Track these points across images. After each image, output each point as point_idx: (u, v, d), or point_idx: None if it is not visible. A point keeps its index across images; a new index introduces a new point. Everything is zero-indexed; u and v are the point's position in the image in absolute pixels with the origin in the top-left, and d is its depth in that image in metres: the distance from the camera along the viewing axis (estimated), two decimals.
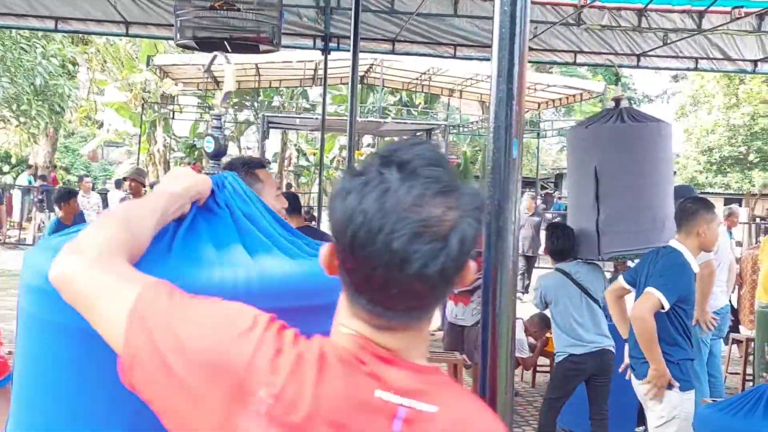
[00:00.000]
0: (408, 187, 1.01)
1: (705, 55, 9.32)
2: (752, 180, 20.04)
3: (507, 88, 1.41)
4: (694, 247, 4.11)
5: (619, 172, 4.85)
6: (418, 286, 1.03)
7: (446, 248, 1.01)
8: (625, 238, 4.85)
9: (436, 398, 1.06)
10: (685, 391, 4.01)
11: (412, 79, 20.37)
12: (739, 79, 19.36)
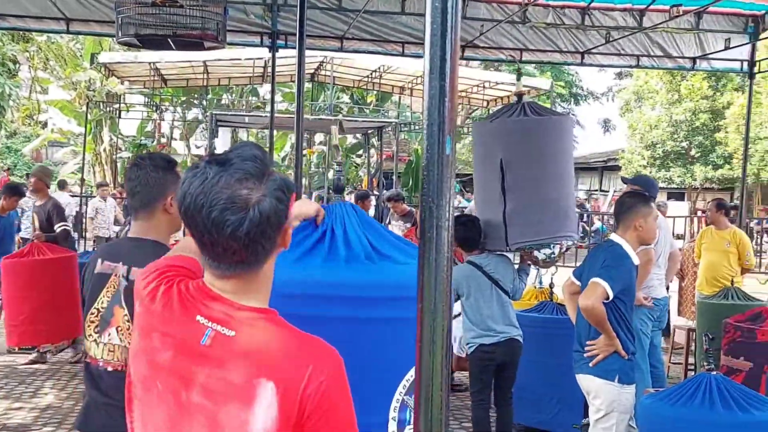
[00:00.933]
0: (221, 176, 1.45)
1: (646, 53, 9.52)
2: (694, 174, 20.51)
3: (439, 85, 1.42)
4: (633, 240, 4.21)
5: (524, 165, 4.97)
6: (234, 245, 1.45)
7: (249, 217, 1.44)
8: (532, 229, 4.98)
9: (236, 327, 1.48)
10: (624, 385, 4.10)
11: (363, 76, 20.36)
12: (681, 75, 19.80)
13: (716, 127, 19.58)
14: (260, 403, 1.44)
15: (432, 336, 1.44)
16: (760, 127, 16.19)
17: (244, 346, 1.47)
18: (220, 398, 1.47)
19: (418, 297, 1.47)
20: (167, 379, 1.53)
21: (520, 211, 5.04)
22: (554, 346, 5.80)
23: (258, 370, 1.45)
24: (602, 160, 30.85)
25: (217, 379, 1.47)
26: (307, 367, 1.45)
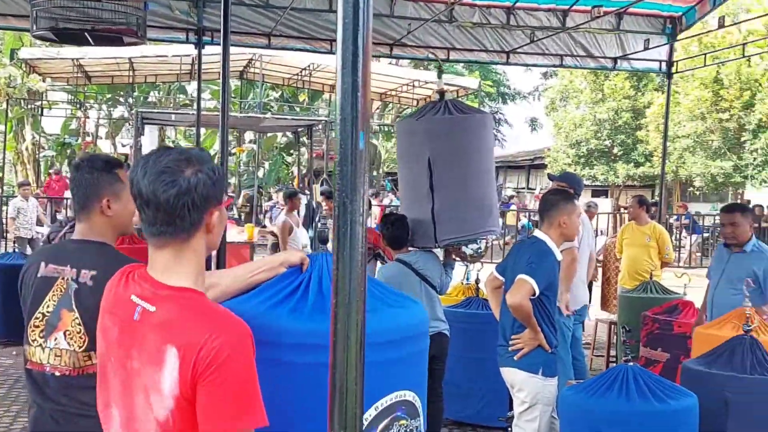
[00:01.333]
0: (157, 158, 1.76)
1: (570, 53, 9.71)
2: (616, 172, 21.07)
3: (352, 80, 1.42)
4: (557, 236, 4.31)
5: (451, 163, 5.07)
6: (164, 208, 1.73)
7: (179, 184, 1.72)
8: (459, 225, 5.08)
9: (157, 303, 1.74)
10: (548, 378, 4.18)
11: (293, 74, 20.21)
12: (604, 75, 20.33)
13: (638, 126, 20.16)
14: (167, 366, 1.68)
15: (346, 330, 1.44)
16: (679, 125, 16.74)
17: (161, 319, 1.73)
18: (145, 364, 1.73)
19: (332, 291, 1.47)
20: (117, 351, 1.81)
21: (448, 208, 5.11)
22: (480, 341, 5.89)
23: (166, 337, 1.69)
24: (529, 159, 31.42)
25: (142, 348, 1.73)
26: (205, 333, 1.65)
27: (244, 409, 1.65)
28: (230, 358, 1.64)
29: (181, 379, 1.66)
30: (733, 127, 16.02)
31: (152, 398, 1.71)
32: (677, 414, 3.64)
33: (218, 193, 1.79)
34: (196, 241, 1.79)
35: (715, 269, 5.73)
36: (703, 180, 16.99)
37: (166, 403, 1.69)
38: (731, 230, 5.49)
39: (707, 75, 15.89)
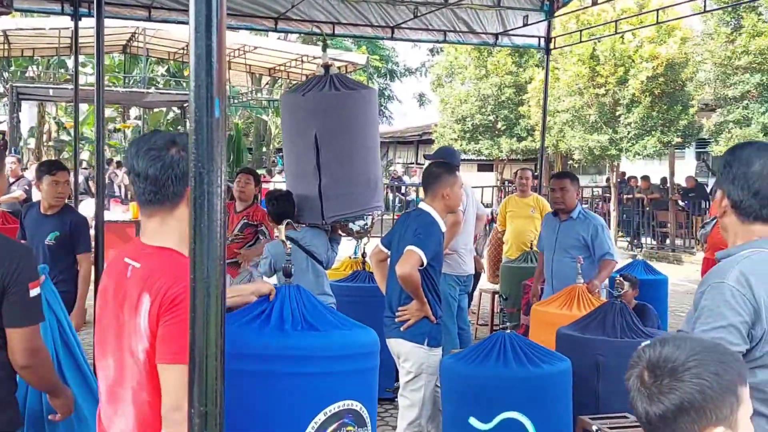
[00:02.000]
0: (149, 139, 2.16)
1: (452, 28, 9.79)
2: (500, 146, 21.57)
3: (206, 44, 1.36)
4: (441, 208, 4.36)
5: (337, 138, 5.06)
6: (151, 179, 2.10)
7: (163, 159, 2.09)
8: (346, 201, 5.10)
9: (141, 260, 2.10)
10: (432, 348, 4.25)
11: (179, 48, 19.62)
12: (488, 51, 20.71)
13: (520, 101, 20.66)
14: (142, 310, 2.03)
15: (206, 308, 1.40)
16: (559, 101, 17.25)
17: (143, 272, 2.08)
18: (130, 312, 2.06)
19: (190, 267, 1.42)
20: (112, 306, 2.15)
21: (335, 184, 5.09)
22: (367, 313, 5.88)
23: (143, 287, 2.04)
24: (418, 134, 31.75)
25: (130, 299, 2.07)
26: (172, 280, 2.01)
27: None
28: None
29: (150, 318, 2.01)
30: (609, 102, 16.64)
31: (133, 342, 2.05)
32: (551, 377, 3.78)
33: None
34: (179, 211, 2.12)
35: (548, 239, 5.98)
36: (581, 153, 17.63)
37: (143, 343, 2.03)
38: (561, 195, 5.78)
39: (584, 52, 16.42)
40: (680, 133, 16.56)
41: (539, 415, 3.70)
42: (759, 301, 2.05)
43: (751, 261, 2.11)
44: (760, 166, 2.17)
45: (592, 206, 19.78)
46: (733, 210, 2.22)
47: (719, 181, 2.28)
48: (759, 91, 15.66)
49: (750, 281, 2.06)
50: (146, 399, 2.05)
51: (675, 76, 16.19)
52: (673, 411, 1.51)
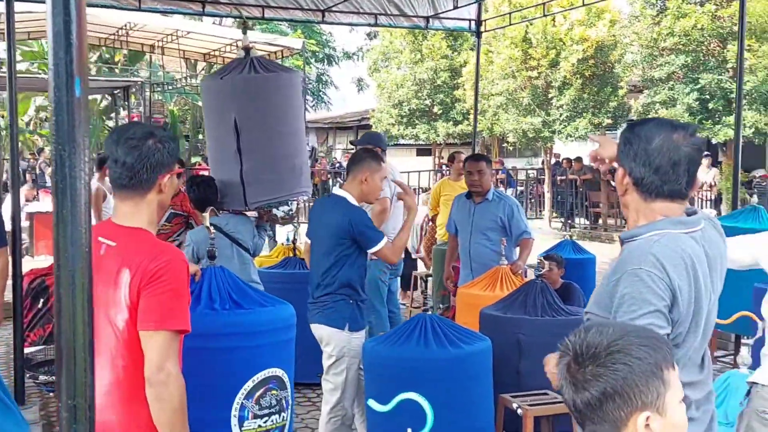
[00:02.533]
0: (129, 129, 2.41)
1: (384, 12, 9.74)
2: (437, 130, 21.67)
3: (64, 20, 1.30)
4: (357, 194, 4.30)
5: (258, 123, 4.94)
6: (127, 166, 2.34)
7: (140, 149, 2.34)
8: (269, 187, 5.00)
9: (117, 239, 2.35)
10: (354, 332, 4.23)
11: (109, 34, 19.12)
12: (423, 35, 20.75)
13: (455, 85, 20.77)
14: (122, 284, 2.27)
15: (71, 298, 1.34)
16: (493, 84, 17.40)
17: (119, 250, 2.33)
18: (107, 287, 2.29)
19: (54, 255, 1.36)
20: (96, 281, 2.26)
21: (257, 170, 4.98)
22: (296, 300, 5.86)
23: (122, 262, 2.29)
24: (357, 119, 31.64)
25: (105, 275, 2.28)
26: (150, 257, 2.28)
27: (171, 313, 2.27)
28: (166, 275, 2.26)
29: (131, 291, 2.26)
30: (541, 85, 16.85)
31: (111, 312, 2.29)
32: (471, 357, 3.80)
33: (170, 161, 2.42)
34: (150, 196, 2.39)
35: (462, 222, 6.00)
36: (515, 136, 17.82)
37: (123, 314, 2.27)
38: (478, 177, 5.83)
39: (517, 35, 16.58)
40: (610, 115, 16.88)
41: (459, 394, 3.73)
42: (674, 285, 2.09)
43: (661, 245, 2.12)
44: (660, 141, 2.17)
45: (527, 188, 20.07)
46: (635, 187, 2.22)
47: (620, 159, 2.27)
48: (684, 72, 16.05)
49: (665, 265, 2.08)
50: (121, 364, 2.30)
51: (604, 58, 16.47)
52: (598, 398, 1.50)
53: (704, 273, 2.17)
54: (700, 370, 2.25)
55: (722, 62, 15.64)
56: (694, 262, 2.14)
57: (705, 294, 2.17)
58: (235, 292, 3.77)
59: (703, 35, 15.62)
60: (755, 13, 14.95)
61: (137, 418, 2.30)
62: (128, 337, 2.28)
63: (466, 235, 5.94)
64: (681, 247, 2.13)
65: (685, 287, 2.11)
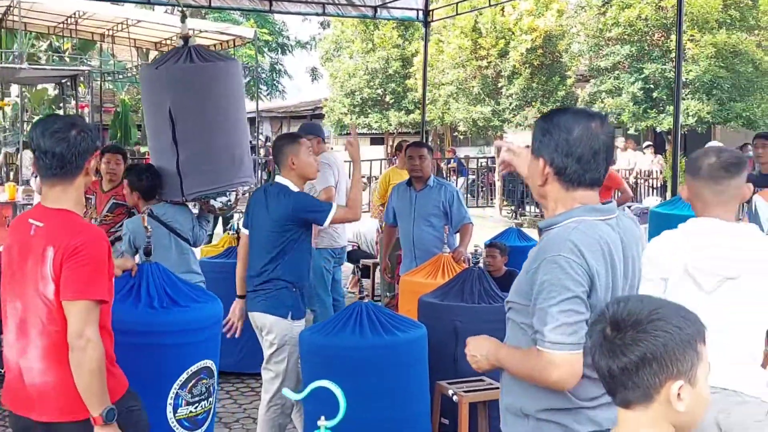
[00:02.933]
0: (52, 122, 2.66)
1: (331, 1, 9.75)
2: (389, 120, 21.71)
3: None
4: (295, 178, 4.32)
5: (194, 113, 4.89)
6: (55, 156, 2.59)
7: (66, 141, 2.59)
8: (207, 178, 4.95)
9: (45, 220, 2.61)
10: (296, 320, 4.25)
11: (58, 22, 18.74)
12: (374, 25, 20.74)
13: (407, 75, 20.82)
14: (47, 260, 2.54)
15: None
16: (443, 73, 17.49)
17: (46, 230, 2.59)
18: (36, 264, 2.57)
19: None
20: (17, 260, 2.66)
21: (193, 160, 4.93)
22: None
23: (48, 241, 2.56)
24: (310, 109, 31.50)
25: (35, 253, 2.58)
26: (72, 234, 2.55)
27: (90, 284, 2.53)
28: (85, 250, 2.53)
29: (54, 265, 2.53)
30: (491, 74, 16.99)
31: (41, 286, 2.56)
32: (405, 344, 3.86)
33: (93, 147, 2.69)
34: (78, 180, 2.67)
35: (403, 209, 6.04)
36: (465, 125, 17.95)
37: (50, 286, 2.55)
38: (419, 163, 5.93)
39: (466, 24, 16.68)
40: (559, 104, 17.11)
41: (394, 381, 3.79)
42: (592, 270, 2.12)
43: (579, 231, 2.16)
44: (580, 131, 2.21)
45: (479, 176, 20.23)
46: (556, 177, 2.25)
47: (538, 149, 2.30)
48: (629, 61, 16.33)
49: (583, 251, 2.12)
50: (54, 329, 2.57)
51: (552, 48, 16.67)
52: (636, 363, 1.54)
53: (620, 258, 2.21)
54: None
55: (666, 52, 15.95)
56: (611, 248, 2.18)
57: (621, 279, 2.22)
58: (170, 288, 3.88)
59: (647, 25, 15.90)
60: (697, 4, 15.29)
61: (70, 376, 2.54)
62: (58, 307, 2.55)
63: (408, 222, 5.99)
64: (598, 233, 2.18)
65: (603, 272, 2.15)
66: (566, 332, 2.10)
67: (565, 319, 2.10)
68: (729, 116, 16.03)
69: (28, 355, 2.62)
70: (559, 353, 2.10)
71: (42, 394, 2.60)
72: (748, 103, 16.11)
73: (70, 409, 2.57)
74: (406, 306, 5.22)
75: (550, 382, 2.15)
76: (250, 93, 31.45)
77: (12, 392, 2.71)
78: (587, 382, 2.20)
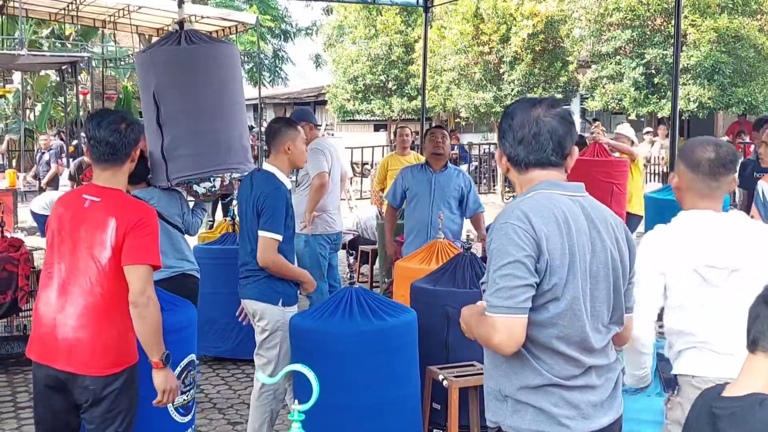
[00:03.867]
0: (106, 116, 3.22)
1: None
2: (392, 106, 21.66)
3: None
4: (284, 164, 4.31)
5: (178, 95, 4.83)
6: (108, 144, 3.11)
7: (118, 132, 3.12)
8: (190, 162, 4.86)
9: (101, 196, 3.09)
10: (287, 306, 4.27)
11: (60, 9, 18.73)
12: (377, 10, 20.67)
13: (410, 61, 20.77)
14: (109, 229, 2.98)
15: None
16: (445, 59, 17.44)
17: (105, 204, 3.04)
18: (92, 232, 3.00)
19: None
20: (68, 227, 3.06)
21: (178, 143, 4.84)
22: (234, 276, 5.85)
23: (109, 213, 3.01)
24: (314, 95, 31.47)
25: (90, 222, 3.02)
26: (132, 210, 3.06)
27: (150, 252, 3.02)
28: (146, 222, 3.03)
29: (117, 234, 2.97)
30: (493, 60, 16.94)
31: (95, 251, 2.98)
32: (395, 329, 3.88)
33: (138, 137, 3.20)
34: (126, 166, 3.17)
35: (421, 192, 5.99)
36: (467, 111, 17.91)
37: (107, 252, 2.97)
38: (442, 140, 6.01)
39: (468, 10, 16.62)
40: (561, 90, 17.05)
41: (383, 365, 3.81)
42: (539, 234, 2.17)
43: (532, 199, 2.25)
44: (520, 116, 2.34)
45: (481, 162, 20.20)
46: (510, 164, 2.38)
47: (499, 142, 2.45)
48: (631, 47, 16.25)
49: (529, 217, 2.18)
50: (99, 291, 2.97)
51: (554, 33, 16.59)
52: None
53: (580, 230, 2.24)
54: (602, 336, 2.30)
55: (668, 37, 15.85)
56: (567, 216, 2.23)
57: (584, 249, 2.23)
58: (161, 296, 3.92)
59: (648, 10, 15.82)
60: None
61: (101, 334, 2.99)
62: (109, 271, 2.97)
63: (425, 204, 5.96)
64: (552, 202, 2.24)
65: (556, 237, 2.19)
66: (503, 296, 2.15)
67: (504, 283, 2.16)
68: (731, 101, 15.96)
69: (67, 311, 3.00)
70: (498, 317, 2.16)
71: (72, 348, 2.98)
72: (750, 88, 16.04)
73: (93, 364, 2.98)
74: (401, 291, 5.24)
75: (493, 345, 2.21)
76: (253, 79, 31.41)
77: (40, 344, 3.07)
78: (562, 359, 2.24)
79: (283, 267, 4.21)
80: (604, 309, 2.30)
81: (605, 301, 2.30)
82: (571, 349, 2.24)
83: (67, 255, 3.03)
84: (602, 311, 2.30)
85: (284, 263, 4.21)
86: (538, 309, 2.20)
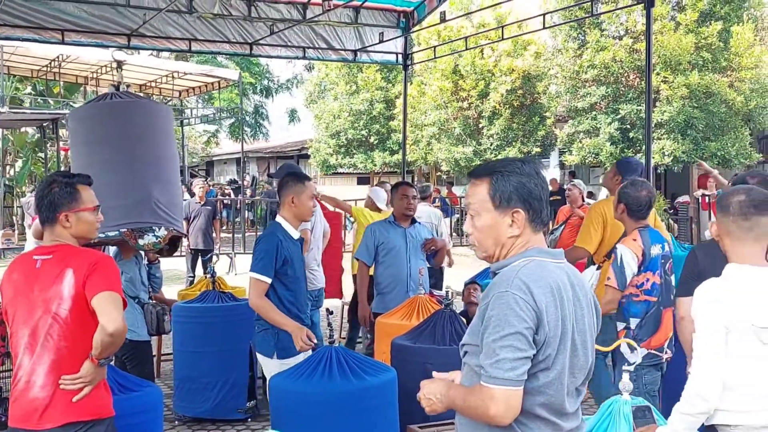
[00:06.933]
0: (47, 178, 3.33)
1: (312, 45, 9.88)
2: (374, 160, 21.87)
3: None
4: (291, 217, 4.46)
5: (87, 150, 5.08)
6: (39, 208, 3.16)
7: (46, 195, 3.16)
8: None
9: (52, 253, 3.10)
10: (283, 359, 4.27)
11: (42, 66, 18.90)
12: (357, 67, 21.00)
13: (391, 116, 21.04)
14: (66, 280, 3.00)
15: None
16: (425, 114, 17.69)
17: (56, 258, 3.06)
18: (45, 289, 3.02)
19: None
20: (22, 290, 3.08)
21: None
22: (215, 334, 5.85)
23: (64, 265, 3.02)
24: (297, 149, 31.73)
25: (44, 279, 3.03)
26: (87, 257, 3.06)
27: (115, 284, 3.02)
28: (102, 264, 3.05)
29: (76, 281, 2.98)
30: (472, 115, 17.20)
31: (53, 306, 2.99)
32: (374, 389, 3.86)
33: (76, 199, 3.16)
34: (58, 225, 3.13)
35: (394, 246, 5.98)
36: (448, 165, 18.11)
37: (66, 304, 2.98)
38: (414, 203, 6.14)
39: (447, 66, 16.93)
40: (539, 144, 17.30)
41: (364, 426, 3.80)
42: (540, 306, 2.16)
43: (528, 269, 2.22)
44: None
45: (463, 215, 20.32)
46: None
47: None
48: (605, 102, 16.57)
49: (531, 288, 2.17)
50: (65, 345, 2.99)
51: (531, 89, 16.90)
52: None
53: (569, 299, 2.26)
54: (575, 400, 2.32)
55: (641, 93, 16.17)
56: (560, 286, 2.24)
57: (571, 319, 2.25)
58: (120, 378, 3.85)
59: (621, 67, 16.17)
60: (669, 46, 15.59)
61: (68, 392, 3.00)
62: (71, 322, 2.99)
63: (402, 258, 5.97)
64: (546, 271, 2.24)
65: (552, 309, 2.19)
66: (504, 367, 2.13)
67: (505, 355, 2.13)
68: (704, 155, 16.25)
69: (37, 372, 3.02)
70: (498, 388, 2.13)
71: (46, 405, 2.99)
72: (722, 142, 16.35)
73: (72, 412, 2.99)
74: (381, 348, 5.23)
75: (488, 416, 2.17)
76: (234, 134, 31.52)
77: (19, 410, 3.08)
78: (543, 424, 2.23)
79: (266, 312, 4.21)
80: (581, 376, 2.33)
81: (583, 368, 2.32)
82: (550, 414, 2.25)
83: (26, 318, 3.04)
84: (579, 377, 2.32)
85: (268, 308, 4.21)
86: (528, 377, 2.19)
